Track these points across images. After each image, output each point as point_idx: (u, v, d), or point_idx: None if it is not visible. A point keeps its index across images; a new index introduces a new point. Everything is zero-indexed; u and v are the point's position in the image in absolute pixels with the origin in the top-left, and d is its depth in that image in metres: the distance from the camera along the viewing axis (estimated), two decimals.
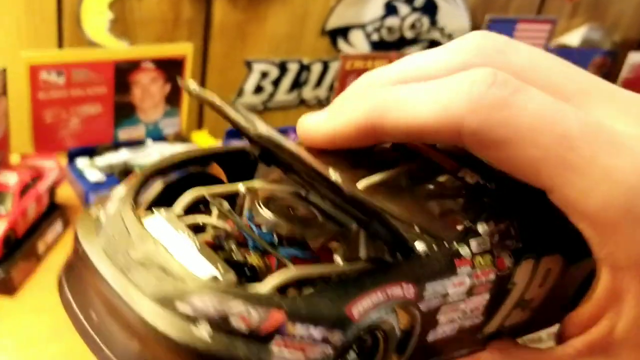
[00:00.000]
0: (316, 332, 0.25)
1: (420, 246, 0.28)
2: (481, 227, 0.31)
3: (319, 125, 0.30)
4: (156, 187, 0.33)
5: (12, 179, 0.68)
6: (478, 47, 0.28)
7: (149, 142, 0.88)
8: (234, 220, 0.32)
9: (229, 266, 0.27)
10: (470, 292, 0.31)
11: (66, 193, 0.81)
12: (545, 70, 0.27)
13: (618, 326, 0.27)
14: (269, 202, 0.31)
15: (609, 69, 1.31)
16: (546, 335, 0.48)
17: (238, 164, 0.36)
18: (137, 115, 0.89)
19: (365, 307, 0.26)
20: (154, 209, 0.30)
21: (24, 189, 0.68)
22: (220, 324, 0.24)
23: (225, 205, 0.33)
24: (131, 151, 0.85)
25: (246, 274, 0.28)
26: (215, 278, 0.25)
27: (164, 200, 0.33)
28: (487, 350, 0.33)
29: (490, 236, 0.31)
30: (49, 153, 0.80)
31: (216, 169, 0.36)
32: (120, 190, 0.31)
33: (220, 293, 0.24)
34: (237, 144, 0.31)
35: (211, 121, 1.09)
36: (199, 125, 1.08)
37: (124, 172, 0.81)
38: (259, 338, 0.24)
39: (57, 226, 0.73)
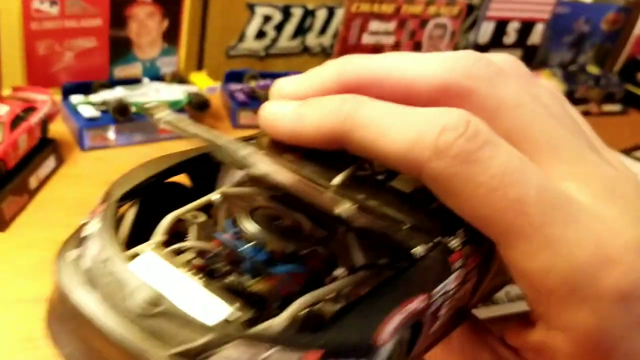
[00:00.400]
0: None
1: (419, 249, 0.28)
2: (457, 225, 0.31)
3: (284, 119, 0.30)
4: (130, 216, 0.30)
5: (2, 109, 0.65)
6: (469, 69, 0.27)
7: (146, 80, 0.85)
8: (222, 242, 0.30)
9: (234, 296, 0.26)
10: (463, 282, 0.32)
11: (60, 129, 0.78)
12: (524, 113, 0.27)
13: None
14: (251, 214, 0.31)
15: (623, 25, 1.28)
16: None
17: (202, 168, 0.34)
18: (134, 52, 0.86)
19: (390, 331, 0.26)
20: (138, 249, 0.28)
21: (15, 121, 0.65)
22: None
23: (204, 220, 0.31)
24: (127, 89, 0.82)
25: (252, 303, 0.27)
26: (231, 320, 0.25)
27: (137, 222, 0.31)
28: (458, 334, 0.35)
29: (467, 229, 0.31)
30: (42, 87, 0.77)
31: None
32: (95, 225, 0.28)
33: (251, 342, 0.23)
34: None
35: (212, 63, 1.05)
36: (199, 66, 1.05)
37: (118, 109, 0.78)
38: None
39: (50, 162, 0.70)
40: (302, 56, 1.19)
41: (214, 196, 0.33)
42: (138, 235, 0.30)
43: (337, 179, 0.32)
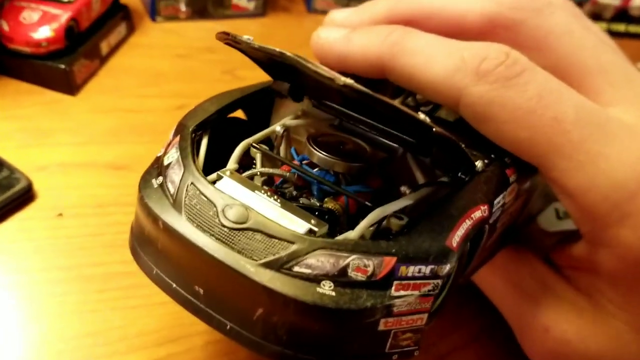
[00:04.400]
0: (426, 270, 0.26)
1: (479, 164, 0.29)
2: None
3: (334, 43, 0.31)
4: (203, 146, 0.32)
5: None
6: (516, 1, 0.29)
7: None
8: (293, 167, 0.31)
9: (309, 213, 0.27)
10: (516, 196, 0.32)
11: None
12: (573, 40, 0.28)
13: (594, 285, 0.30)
14: (315, 141, 0.32)
15: None
16: None
17: (257, 103, 0.36)
18: None
19: (460, 235, 0.27)
20: (219, 173, 0.30)
21: None
22: (340, 279, 0.25)
23: (267, 150, 0.33)
24: None
25: (325, 220, 0.28)
26: (313, 231, 0.27)
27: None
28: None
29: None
30: None
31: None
32: (174, 154, 0.30)
33: (334, 250, 0.25)
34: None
35: None
36: None
37: None
38: (377, 284, 0.26)
39: (121, 28, 0.67)
40: None
41: (277, 127, 0.34)
42: (206, 164, 0.32)
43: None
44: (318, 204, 0.30)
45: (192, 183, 0.28)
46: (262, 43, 0.30)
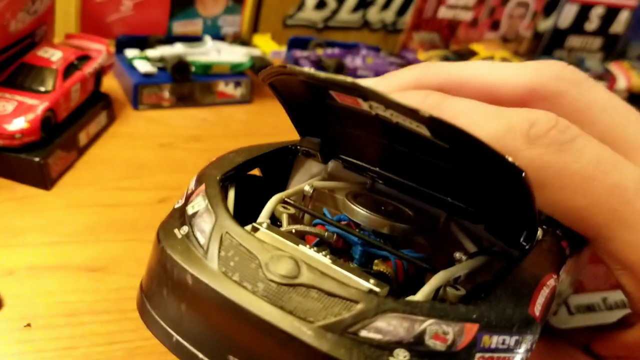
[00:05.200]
0: (511, 341, 0.23)
1: (540, 232, 0.27)
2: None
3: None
4: (231, 196, 0.29)
5: (55, 55, 0.59)
6: (558, 72, 0.27)
7: (207, 38, 0.78)
8: (333, 225, 0.29)
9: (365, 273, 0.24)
10: (568, 272, 0.30)
11: (111, 85, 0.73)
12: (616, 115, 0.27)
13: None
14: (355, 199, 0.29)
15: None
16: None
17: (275, 162, 0.33)
18: (196, 8, 0.79)
19: (542, 304, 0.25)
20: (255, 225, 0.26)
21: (68, 69, 0.59)
22: (417, 348, 0.22)
23: (293, 211, 0.30)
24: (187, 46, 0.76)
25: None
26: (374, 291, 0.23)
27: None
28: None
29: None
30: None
31: None
32: (201, 203, 0.26)
33: (407, 312, 0.22)
34: (301, 62, 0.28)
35: (270, 23, 0.99)
36: (255, 27, 0.98)
37: (177, 67, 0.71)
38: (457, 356, 0.22)
39: (102, 118, 0.64)
40: (362, 31, 1.12)
41: (305, 187, 0.31)
42: (239, 214, 0.28)
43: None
44: (369, 265, 0.27)
45: (227, 232, 0.24)
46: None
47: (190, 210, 0.27)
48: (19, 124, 0.52)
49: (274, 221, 0.30)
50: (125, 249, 0.49)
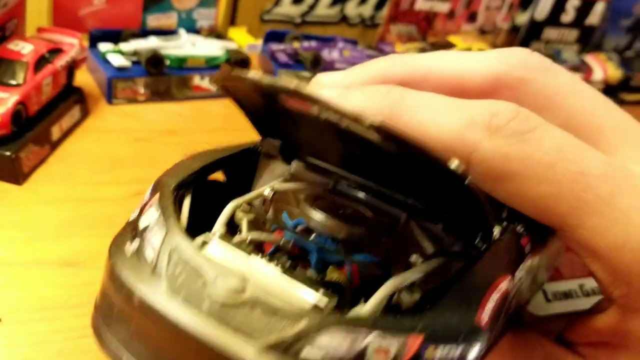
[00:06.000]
0: (456, 352, 0.23)
1: (496, 231, 0.26)
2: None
3: (328, 98, 0.28)
4: (186, 205, 0.28)
5: (26, 48, 0.58)
6: (523, 60, 0.28)
7: (182, 32, 0.77)
8: (289, 232, 0.28)
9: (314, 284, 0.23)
10: (529, 271, 0.30)
11: (85, 80, 0.71)
12: (583, 100, 0.27)
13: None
14: (313, 203, 0.29)
15: None
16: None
17: (238, 165, 0.33)
18: (170, 1, 0.78)
19: (489, 311, 0.24)
20: (207, 236, 0.26)
21: (39, 62, 0.58)
22: None
23: (254, 214, 0.30)
24: (161, 40, 0.75)
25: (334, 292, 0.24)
26: (321, 306, 0.22)
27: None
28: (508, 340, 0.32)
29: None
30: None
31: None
32: (153, 215, 0.26)
33: (350, 328, 0.21)
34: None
35: (247, 17, 0.98)
36: (232, 21, 0.97)
37: (151, 60, 0.71)
38: None
39: (75, 112, 0.63)
40: (340, 25, 1.12)
41: (265, 191, 0.31)
42: (197, 222, 0.27)
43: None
44: (322, 274, 0.27)
45: (175, 248, 0.23)
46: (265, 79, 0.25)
47: (142, 223, 0.26)
48: None
49: (235, 227, 0.29)
50: (100, 244, 0.47)
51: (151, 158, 0.62)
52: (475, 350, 0.23)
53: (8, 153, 0.51)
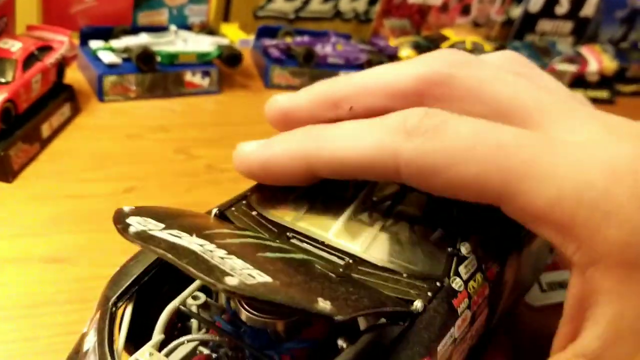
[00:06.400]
0: None
1: (418, 304, 0.27)
2: (464, 248, 0.31)
3: (253, 152, 0.31)
4: (127, 316, 0.29)
5: (15, 46, 0.58)
6: (446, 58, 0.29)
7: (173, 28, 0.77)
8: (222, 331, 0.29)
9: None
10: (472, 320, 0.30)
11: (76, 78, 0.71)
12: (506, 86, 0.29)
13: (599, 333, 0.26)
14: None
15: None
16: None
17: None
18: None
19: None
20: (137, 356, 0.27)
21: (28, 60, 0.58)
22: None
23: (204, 301, 0.31)
24: (152, 36, 0.74)
25: None
26: None
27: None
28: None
29: (475, 253, 0.31)
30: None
31: None
32: (91, 339, 0.27)
33: None
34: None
35: (241, 14, 0.98)
36: (225, 17, 0.97)
37: (142, 57, 0.70)
38: None
39: (65, 109, 0.63)
40: (334, 21, 1.11)
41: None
42: (142, 328, 0.29)
43: (339, 222, 0.32)
44: None
45: None
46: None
47: (84, 346, 0.28)
48: None
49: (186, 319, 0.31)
50: (88, 240, 0.48)
51: (142, 155, 0.62)
52: None
53: None
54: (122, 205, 0.29)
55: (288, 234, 0.32)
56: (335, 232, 0.32)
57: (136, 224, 0.28)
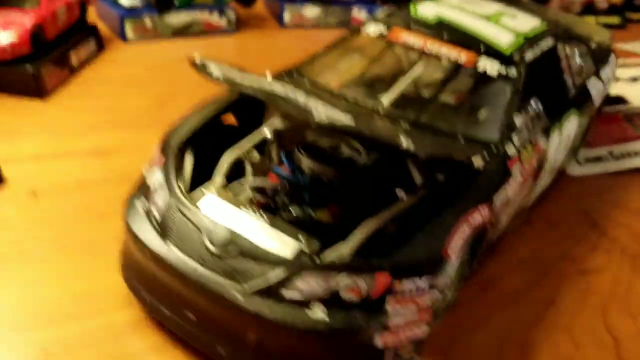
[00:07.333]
0: (422, 282, 0.26)
1: (477, 161, 0.28)
2: (517, 120, 0.34)
3: None
4: (188, 163, 0.32)
5: None
6: None
7: None
8: (280, 176, 0.33)
9: (300, 229, 0.28)
10: (522, 186, 0.33)
11: (99, 23, 0.73)
12: None
13: None
14: (305, 147, 0.33)
15: None
16: None
17: (246, 106, 0.36)
18: None
19: (458, 244, 0.27)
20: (202, 189, 0.31)
21: None
22: (332, 301, 0.25)
23: (258, 157, 0.34)
24: None
25: (318, 232, 0.28)
26: (302, 252, 0.27)
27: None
28: None
29: (526, 125, 0.34)
30: None
31: None
32: (158, 176, 0.31)
33: (323, 271, 0.26)
34: None
35: None
36: None
37: None
38: (372, 303, 0.25)
39: (91, 45, 0.65)
40: None
41: (266, 132, 0.35)
42: (200, 175, 0.32)
43: (387, 98, 0.35)
44: (310, 213, 0.30)
45: (176, 208, 0.29)
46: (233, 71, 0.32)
47: (150, 184, 0.31)
48: (8, 37, 0.53)
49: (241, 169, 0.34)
50: (131, 137, 0.48)
51: (170, 79, 0.63)
52: (445, 278, 0.27)
53: (30, 69, 0.53)
54: (157, 115, 0.33)
55: (342, 100, 0.35)
56: (388, 101, 0.35)
57: (215, 69, 0.31)
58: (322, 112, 0.26)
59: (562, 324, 0.36)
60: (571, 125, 0.41)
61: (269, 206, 0.31)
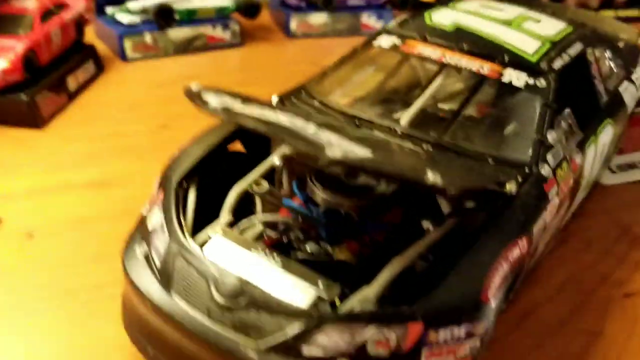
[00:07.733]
0: (460, 331, 0.23)
1: (511, 187, 0.26)
2: (550, 136, 0.30)
3: None
4: (192, 197, 0.30)
5: (29, 4, 0.57)
6: None
7: None
8: (292, 210, 0.30)
9: (318, 271, 0.25)
10: (559, 209, 0.30)
11: (98, 46, 0.70)
12: None
13: None
14: (317, 176, 0.29)
15: None
16: None
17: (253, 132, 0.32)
18: None
19: (497, 285, 0.24)
20: (209, 233, 0.28)
21: (46, 14, 0.57)
22: (359, 357, 0.22)
23: (267, 187, 0.31)
24: None
25: (338, 273, 0.25)
26: (321, 299, 0.24)
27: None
28: None
29: (560, 142, 0.31)
30: None
31: None
32: (158, 217, 0.28)
33: (347, 323, 0.23)
34: None
35: None
36: None
37: (161, 13, 0.69)
38: (404, 357, 0.23)
39: (89, 66, 0.62)
40: None
41: (275, 160, 0.32)
42: (205, 211, 0.29)
43: (405, 117, 0.33)
44: (327, 250, 0.28)
45: (179, 253, 0.26)
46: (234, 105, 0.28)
47: (149, 224, 0.28)
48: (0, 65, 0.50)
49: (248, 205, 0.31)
50: (128, 168, 0.46)
51: (172, 100, 0.59)
52: (482, 326, 0.24)
53: (24, 97, 0.51)
54: (159, 140, 0.30)
55: (355, 121, 0.32)
56: (407, 120, 0.32)
57: (212, 99, 0.28)
58: (335, 146, 0.23)
59: (611, 357, 0.32)
60: (606, 136, 0.37)
61: (281, 244, 0.28)
